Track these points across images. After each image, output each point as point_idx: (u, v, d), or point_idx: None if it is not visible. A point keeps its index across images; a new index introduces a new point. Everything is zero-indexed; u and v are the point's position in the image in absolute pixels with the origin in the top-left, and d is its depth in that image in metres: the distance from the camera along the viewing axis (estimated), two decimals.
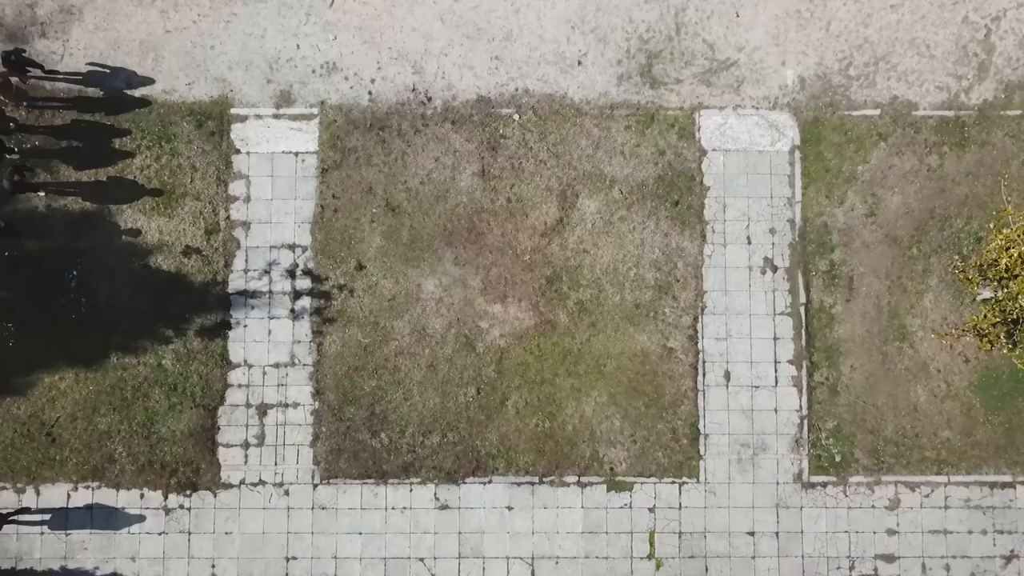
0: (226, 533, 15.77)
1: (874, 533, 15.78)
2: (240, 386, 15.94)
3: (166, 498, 15.79)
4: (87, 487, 15.77)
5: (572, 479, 15.87)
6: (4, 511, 15.31)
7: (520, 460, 15.82)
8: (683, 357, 15.97)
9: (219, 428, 15.88)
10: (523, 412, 15.87)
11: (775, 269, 16.14)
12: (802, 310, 16.13)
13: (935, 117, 16.37)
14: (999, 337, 14.85)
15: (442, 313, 16.01)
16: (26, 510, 15.47)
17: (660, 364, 15.97)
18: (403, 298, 16.06)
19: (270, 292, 16.12)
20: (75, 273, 15.93)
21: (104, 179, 16.08)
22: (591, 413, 15.91)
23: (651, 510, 15.84)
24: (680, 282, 16.11)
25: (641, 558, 15.78)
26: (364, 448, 15.84)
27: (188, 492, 15.80)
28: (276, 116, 16.36)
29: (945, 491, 15.87)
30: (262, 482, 15.85)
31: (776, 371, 16.03)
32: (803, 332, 16.08)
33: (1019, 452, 15.89)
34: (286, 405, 15.93)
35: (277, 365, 15.98)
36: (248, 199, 16.23)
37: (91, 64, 16.25)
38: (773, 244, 16.20)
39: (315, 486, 15.79)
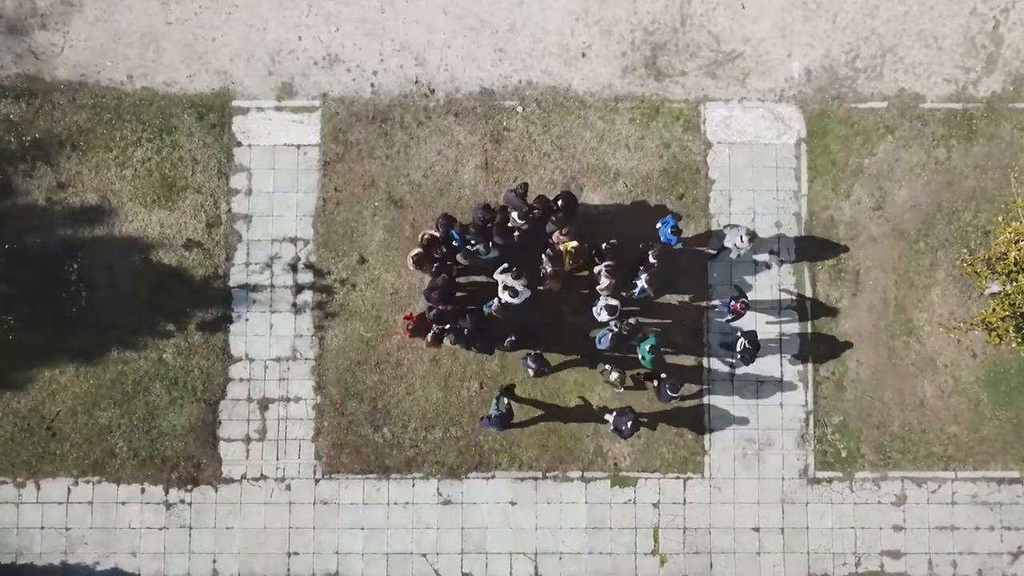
0: (227, 528, 15.68)
1: (880, 529, 15.67)
2: (241, 380, 15.84)
3: (167, 493, 15.70)
4: (87, 482, 15.68)
5: (576, 474, 15.76)
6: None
7: (523, 455, 15.71)
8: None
9: (220, 422, 15.79)
10: (526, 406, 15.75)
11: (781, 263, 15.99)
12: (808, 304, 16.00)
13: (943, 110, 16.22)
14: (1008, 331, 14.70)
15: None
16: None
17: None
18: (405, 292, 15.93)
19: (272, 286, 16.00)
20: (75, 266, 15.81)
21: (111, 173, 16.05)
22: (595, 408, 15.79)
23: (655, 506, 15.72)
24: (684, 276, 15.98)
25: (645, 554, 15.68)
26: (366, 443, 15.74)
27: (189, 487, 15.71)
28: (278, 108, 16.25)
29: (952, 487, 15.75)
30: (263, 477, 15.76)
31: (781, 366, 15.90)
32: (809, 326, 15.95)
33: None
34: (288, 399, 15.83)
35: (279, 359, 15.88)
36: (250, 192, 16.11)
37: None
38: (779, 238, 16.06)
39: (317, 481, 15.69)
